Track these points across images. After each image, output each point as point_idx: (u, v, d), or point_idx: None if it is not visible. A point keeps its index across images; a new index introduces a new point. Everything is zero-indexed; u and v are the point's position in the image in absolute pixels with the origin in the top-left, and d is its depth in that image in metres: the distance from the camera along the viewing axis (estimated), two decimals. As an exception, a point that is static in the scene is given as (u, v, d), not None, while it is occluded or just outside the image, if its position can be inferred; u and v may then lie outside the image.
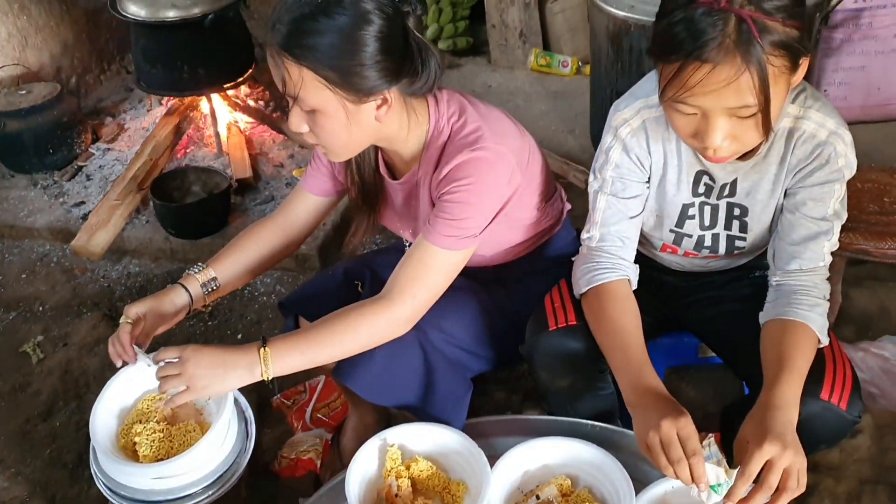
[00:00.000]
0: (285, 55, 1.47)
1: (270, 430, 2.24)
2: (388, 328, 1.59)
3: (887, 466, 1.96)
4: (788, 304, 1.53)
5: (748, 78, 1.29)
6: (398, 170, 1.75)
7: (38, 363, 2.54)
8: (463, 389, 1.75)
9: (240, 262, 1.82)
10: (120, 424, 1.71)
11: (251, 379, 1.55)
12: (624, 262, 1.65)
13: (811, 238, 1.55)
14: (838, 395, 1.49)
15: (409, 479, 1.60)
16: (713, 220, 1.66)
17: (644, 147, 1.61)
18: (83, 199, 3.18)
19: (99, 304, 2.78)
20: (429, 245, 1.59)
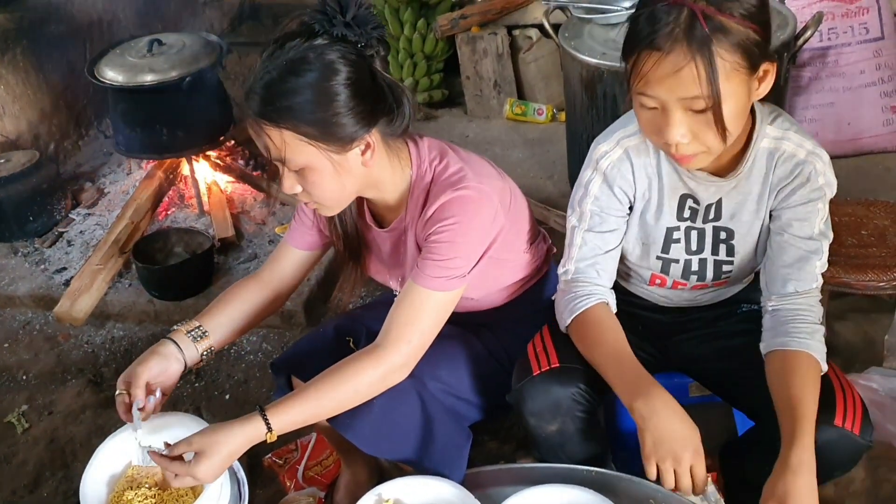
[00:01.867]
0: (263, 122, 1.50)
1: (262, 491, 2.21)
2: (385, 376, 1.59)
3: (882, 498, 1.97)
4: (788, 334, 1.55)
5: (696, 67, 1.34)
6: (385, 218, 1.76)
7: (23, 433, 2.50)
8: (463, 438, 1.73)
9: (226, 319, 1.82)
10: (110, 492, 1.68)
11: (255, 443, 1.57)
12: (600, 288, 1.69)
13: (803, 259, 1.59)
14: (851, 421, 1.51)
15: (406, 533, 1.59)
16: (700, 245, 1.68)
17: (629, 176, 1.64)
18: (65, 265, 3.17)
19: (83, 371, 2.75)
20: (418, 288, 1.60)
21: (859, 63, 3.28)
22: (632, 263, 1.75)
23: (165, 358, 1.71)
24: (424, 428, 1.67)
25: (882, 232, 2.33)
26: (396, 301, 1.64)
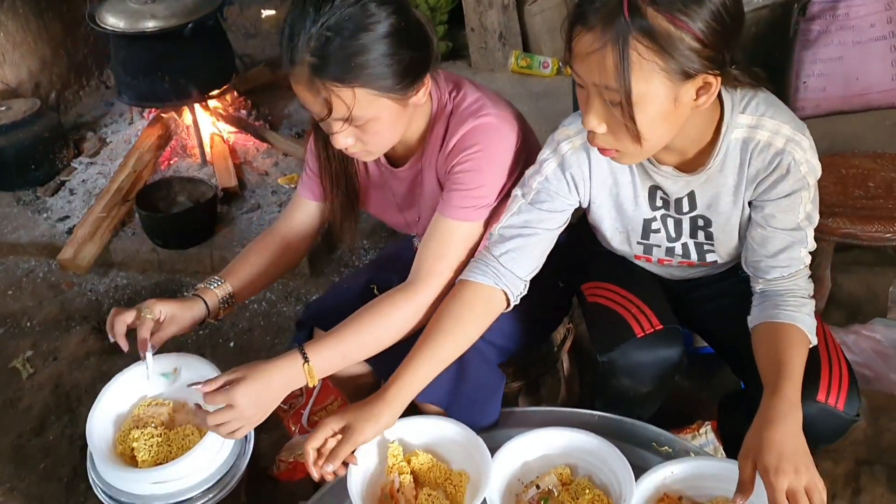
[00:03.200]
0: (334, 84, 1.44)
1: (267, 435, 2.23)
2: (419, 313, 1.59)
3: (884, 447, 1.98)
4: (776, 307, 1.52)
5: (608, 55, 1.25)
6: (400, 158, 1.74)
7: (28, 378, 2.52)
8: (496, 380, 1.72)
9: (248, 275, 1.81)
10: (116, 431, 1.69)
11: (297, 387, 1.56)
12: (507, 274, 1.59)
13: (787, 248, 1.53)
14: (835, 396, 1.49)
15: (411, 472, 1.60)
16: (678, 232, 1.64)
17: (584, 168, 1.57)
18: (67, 214, 3.16)
19: (87, 318, 2.76)
20: (446, 220, 1.60)
21: (869, 16, 3.23)
22: (614, 247, 1.73)
23: (188, 303, 1.71)
24: (457, 369, 1.65)
25: (889, 184, 2.32)
26: (426, 236, 1.63)
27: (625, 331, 1.64)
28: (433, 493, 1.56)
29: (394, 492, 1.58)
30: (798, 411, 1.39)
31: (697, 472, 1.51)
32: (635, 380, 1.65)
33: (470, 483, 1.59)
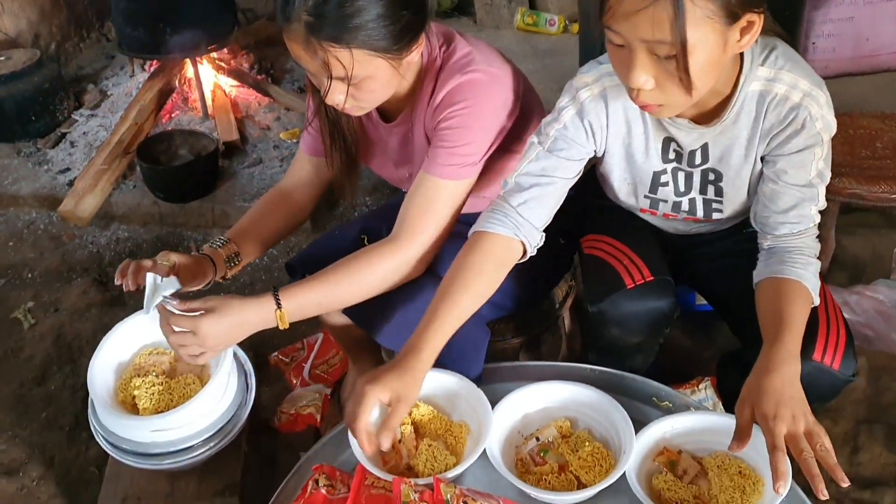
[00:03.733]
0: (331, 45, 1.42)
1: (269, 388, 2.23)
2: (401, 268, 1.58)
3: (883, 406, 1.98)
4: (782, 263, 1.51)
5: (660, 7, 1.22)
6: (391, 113, 1.72)
7: (29, 329, 2.52)
8: (480, 335, 1.72)
9: (255, 235, 1.79)
10: (118, 379, 1.70)
11: (266, 328, 1.55)
12: (525, 224, 1.57)
13: (798, 205, 1.51)
14: (831, 356, 1.49)
15: (412, 423, 1.60)
16: (688, 186, 1.63)
17: (601, 116, 1.55)
18: (68, 166, 3.14)
19: (89, 270, 2.76)
20: (430, 178, 1.58)
21: (882, -24, 3.18)
22: (621, 199, 1.71)
23: (197, 259, 1.70)
24: None
25: (897, 145, 2.30)
26: (409, 192, 1.61)
27: (616, 281, 1.64)
28: (434, 443, 1.56)
29: (395, 442, 1.59)
30: (797, 362, 1.39)
31: (697, 426, 1.51)
32: (625, 330, 1.65)
33: (470, 435, 1.60)
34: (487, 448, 1.51)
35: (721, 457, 1.48)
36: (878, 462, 1.87)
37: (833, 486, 1.82)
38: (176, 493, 1.73)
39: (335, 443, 1.65)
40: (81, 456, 2.10)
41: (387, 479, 1.46)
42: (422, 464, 1.53)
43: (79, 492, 2.02)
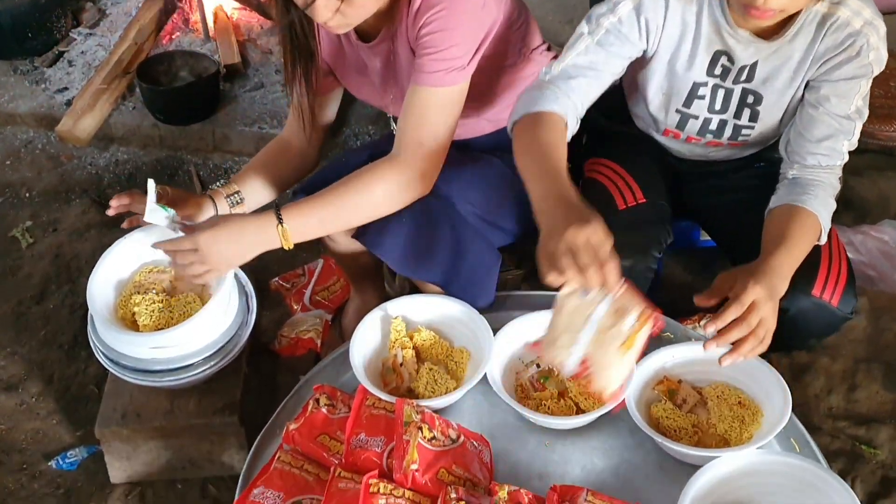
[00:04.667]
0: None
1: (269, 313, 2.23)
2: (402, 185, 1.56)
3: (882, 346, 1.99)
4: (804, 192, 1.51)
5: None
6: (370, 32, 1.66)
7: (27, 248, 2.50)
8: (492, 260, 1.71)
9: (260, 182, 1.78)
10: (118, 296, 1.69)
11: (271, 247, 1.53)
12: (570, 104, 1.54)
13: (832, 136, 1.51)
14: (830, 292, 1.49)
15: (413, 348, 1.60)
16: (724, 106, 1.61)
17: (660, 14, 1.53)
18: (66, 86, 3.08)
19: (87, 191, 2.73)
20: (420, 88, 1.54)
21: None
22: (649, 113, 1.68)
23: (198, 200, 1.69)
24: (454, 248, 1.64)
25: (911, 84, 2.27)
26: (402, 109, 1.58)
27: (608, 203, 1.62)
28: (434, 367, 1.57)
29: (396, 365, 1.59)
30: (782, 286, 1.38)
31: (698, 356, 1.51)
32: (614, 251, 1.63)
33: (471, 360, 1.60)
34: (488, 373, 1.52)
35: (721, 387, 1.48)
36: (875, 400, 1.88)
37: (829, 421, 1.85)
38: (176, 410, 1.74)
39: (336, 364, 1.66)
40: (81, 374, 2.11)
41: (388, 401, 1.47)
42: (422, 387, 1.54)
43: (78, 408, 2.03)
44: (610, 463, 1.44)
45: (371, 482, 1.30)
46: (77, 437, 1.97)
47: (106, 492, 1.83)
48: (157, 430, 1.74)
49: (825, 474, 1.28)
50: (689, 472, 1.32)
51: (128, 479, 1.83)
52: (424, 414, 1.41)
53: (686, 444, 1.39)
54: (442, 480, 1.33)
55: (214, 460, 1.81)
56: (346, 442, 1.40)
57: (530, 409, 1.48)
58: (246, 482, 1.43)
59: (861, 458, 1.77)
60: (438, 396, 1.51)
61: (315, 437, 1.44)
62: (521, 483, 1.34)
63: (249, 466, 1.49)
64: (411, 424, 1.38)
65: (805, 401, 1.88)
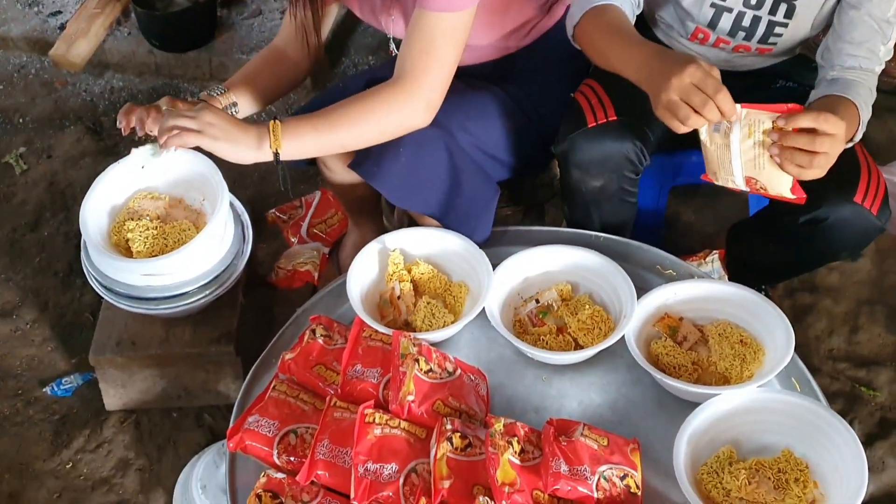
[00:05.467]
0: None
1: (266, 245, 2.20)
2: (404, 112, 1.51)
3: (886, 288, 1.97)
4: (845, 89, 1.46)
5: None
6: None
7: (21, 174, 2.47)
8: (490, 193, 1.67)
9: (251, 88, 1.72)
10: (111, 222, 1.65)
11: (259, 154, 1.48)
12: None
13: (871, 39, 1.47)
14: (871, 200, 1.46)
15: (411, 281, 1.58)
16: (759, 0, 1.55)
17: None
18: (59, 9, 3.00)
19: (82, 118, 2.68)
20: (426, 13, 1.48)
21: None
22: (681, 8, 1.62)
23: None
24: (452, 180, 1.60)
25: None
26: (408, 32, 1.52)
27: (579, 121, 1.58)
28: (432, 301, 1.54)
29: (393, 298, 1.57)
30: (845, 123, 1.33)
31: (700, 294, 1.49)
32: (584, 172, 1.59)
33: (469, 294, 1.58)
34: (486, 308, 1.49)
35: (723, 325, 1.46)
36: (877, 342, 1.86)
37: (829, 363, 1.84)
38: (171, 338, 1.72)
39: (333, 296, 1.64)
40: (76, 302, 2.09)
41: (385, 333, 1.45)
42: (419, 320, 1.52)
43: (73, 335, 2.02)
44: (607, 398, 1.43)
45: (367, 412, 1.29)
46: (72, 365, 1.96)
47: (101, 419, 1.83)
48: (151, 358, 1.73)
49: (826, 413, 1.26)
50: (688, 409, 1.31)
51: (123, 406, 1.83)
52: (421, 346, 1.39)
53: (685, 382, 1.38)
54: (438, 412, 1.32)
55: (210, 390, 1.80)
56: (342, 373, 1.38)
57: (528, 344, 1.46)
58: (241, 410, 1.42)
59: (860, 399, 1.76)
60: (436, 330, 1.49)
61: (311, 367, 1.43)
62: (517, 417, 1.33)
63: (244, 395, 1.48)
64: (408, 356, 1.36)
65: (806, 342, 1.86)
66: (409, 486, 1.23)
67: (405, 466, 1.25)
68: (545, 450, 1.23)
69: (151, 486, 1.73)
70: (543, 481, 1.19)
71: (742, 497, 1.22)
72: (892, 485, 1.64)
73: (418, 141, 1.55)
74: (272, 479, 1.27)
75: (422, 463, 1.26)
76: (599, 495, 1.19)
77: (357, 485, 1.22)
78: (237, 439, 1.32)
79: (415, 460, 1.26)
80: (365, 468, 1.23)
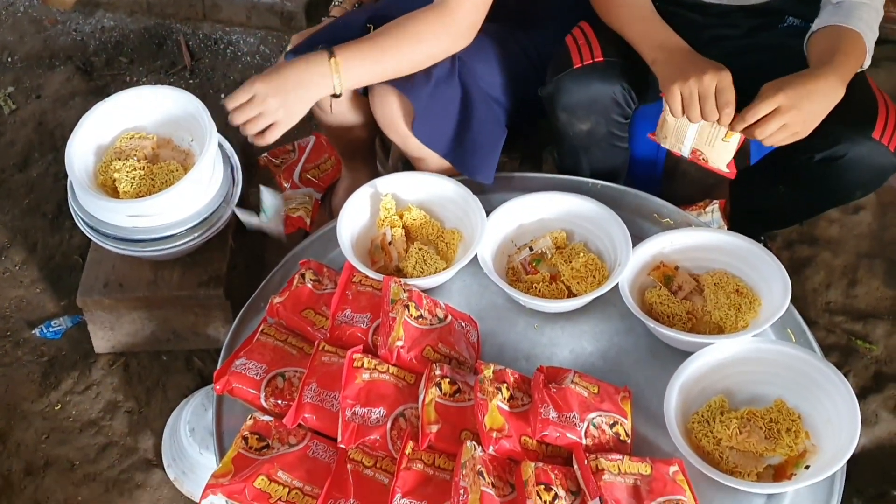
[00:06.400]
0: None
1: (257, 190, 2.16)
2: (451, 35, 1.49)
3: (887, 242, 1.94)
4: (848, 16, 1.42)
5: None
6: None
7: (10, 114, 2.42)
8: (498, 132, 1.64)
9: None
10: (98, 162, 1.62)
11: (326, 91, 1.46)
12: None
13: None
14: (889, 136, 1.42)
15: (403, 227, 1.55)
16: None
17: None
18: (49, -55, 2.92)
19: (72, 58, 2.62)
20: None
21: None
22: None
23: None
24: (462, 114, 1.57)
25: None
26: None
27: (565, 62, 1.55)
28: (424, 247, 1.52)
29: (384, 244, 1.54)
30: (840, 88, 1.33)
31: (697, 242, 1.47)
32: (571, 115, 1.56)
33: (462, 241, 1.55)
34: (479, 255, 1.47)
35: (719, 275, 1.44)
36: (874, 296, 1.84)
37: (825, 316, 1.83)
38: (159, 281, 1.70)
39: (324, 241, 1.61)
40: (65, 243, 2.06)
41: (375, 279, 1.43)
42: (411, 266, 1.49)
43: (62, 278, 2.00)
44: (599, 347, 1.41)
45: (355, 357, 1.27)
46: (61, 307, 1.94)
47: (90, 361, 1.82)
48: (140, 300, 1.71)
49: (820, 364, 1.25)
50: (681, 359, 1.29)
51: (112, 349, 1.82)
52: (412, 292, 1.37)
53: (678, 330, 1.36)
54: (427, 358, 1.30)
55: (199, 333, 1.79)
56: (331, 317, 1.36)
57: (521, 292, 1.44)
58: (228, 353, 1.41)
59: (855, 352, 1.75)
60: (427, 276, 1.47)
61: (300, 311, 1.40)
62: (507, 364, 1.31)
63: (232, 338, 1.46)
64: (398, 302, 1.34)
65: (803, 295, 1.84)
66: (396, 431, 1.21)
67: (393, 411, 1.23)
68: (534, 396, 1.21)
69: (140, 428, 1.73)
70: (532, 427, 1.18)
71: (732, 446, 1.21)
72: (884, 437, 1.63)
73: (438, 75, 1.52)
74: (259, 422, 1.25)
75: (410, 408, 1.24)
76: (588, 442, 1.18)
77: (344, 428, 1.20)
78: (224, 382, 1.30)
79: (403, 405, 1.24)
80: (352, 412, 1.22)
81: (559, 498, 1.11)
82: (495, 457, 1.17)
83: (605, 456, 1.15)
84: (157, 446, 1.69)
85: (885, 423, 1.65)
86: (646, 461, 1.16)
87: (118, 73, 2.58)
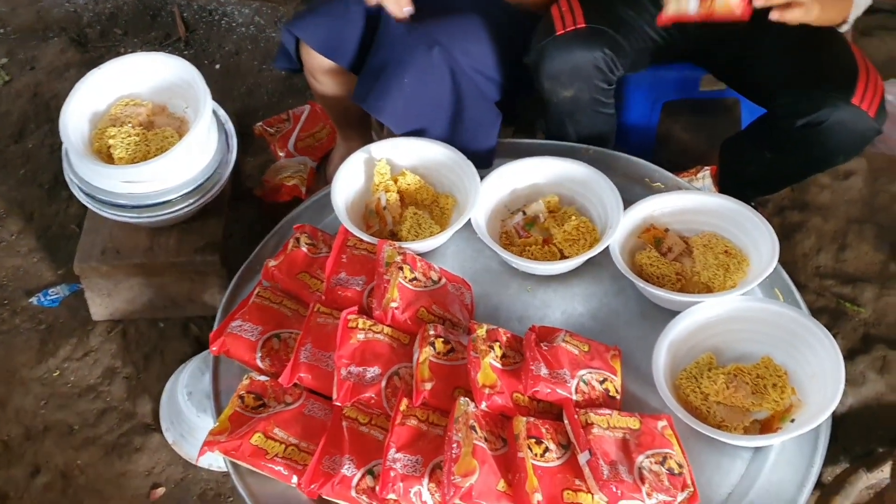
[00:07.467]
0: None
1: (253, 158, 2.18)
2: None
3: (877, 207, 1.96)
4: None
5: None
6: None
7: (4, 85, 2.42)
8: (492, 117, 1.65)
9: None
10: (93, 128, 1.63)
11: None
12: None
13: None
14: (868, 102, 1.44)
15: (397, 192, 1.56)
16: None
17: None
18: (41, -83, 2.90)
19: (66, 29, 2.62)
20: None
21: None
22: None
23: None
24: (455, 105, 1.58)
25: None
26: None
27: (548, 29, 1.56)
28: (419, 212, 1.53)
29: (379, 209, 1.56)
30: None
31: (687, 205, 1.48)
32: (554, 81, 1.57)
33: (456, 206, 1.57)
34: (472, 219, 1.48)
35: (708, 236, 1.45)
36: (864, 260, 1.86)
37: (815, 279, 1.84)
38: (155, 247, 1.72)
39: (319, 206, 1.62)
40: (61, 213, 2.08)
41: (370, 242, 1.44)
42: (405, 230, 1.51)
43: (59, 247, 2.01)
44: (590, 307, 1.43)
45: (350, 317, 1.29)
46: (58, 276, 1.96)
47: (87, 328, 1.84)
48: (137, 267, 1.73)
49: (805, 320, 1.27)
50: (670, 319, 1.31)
51: (109, 316, 1.83)
52: (406, 255, 1.38)
53: (668, 290, 1.37)
54: (421, 319, 1.32)
55: (196, 300, 1.80)
56: (326, 280, 1.38)
57: (514, 255, 1.46)
58: (224, 315, 1.42)
59: (844, 315, 1.77)
60: (421, 240, 1.48)
61: (295, 274, 1.42)
62: (500, 325, 1.33)
63: (228, 301, 1.48)
64: (392, 264, 1.36)
65: (793, 259, 1.86)
66: (391, 389, 1.24)
67: (388, 370, 1.25)
68: (526, 354, 1.23)
69: (138, 393, 1.75)
70: (523, 384, 1.20)
71: (720, 401, 1.24)
72: (871, 398, 1.66)
73: (421, 65, 1.52)
74: (255, 382, 1.28)
75: (404, 367, 1.26)
76: (578, 398, 1.20)
77: (339, 387, 1.22)
78: (220, 343, 1.32)
79: (397, 364, 1.26)
80: (348, 371, 1.24)
81: (549, 451, 1.13)
82: (487, 412, 1.19)
83: (594, 411, 1.17)
84: (156, 411, 1.71)
85: (872, 383, 1.67)
86: (635, 416, 1.18)
87: (112, 44, 2.57)
